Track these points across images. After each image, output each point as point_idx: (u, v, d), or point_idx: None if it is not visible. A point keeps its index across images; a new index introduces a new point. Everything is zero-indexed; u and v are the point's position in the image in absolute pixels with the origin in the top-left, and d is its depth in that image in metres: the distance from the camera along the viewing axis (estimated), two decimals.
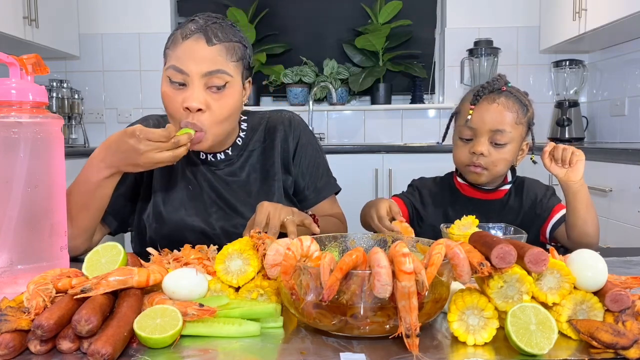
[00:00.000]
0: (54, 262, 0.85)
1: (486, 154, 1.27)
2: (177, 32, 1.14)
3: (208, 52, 1.10)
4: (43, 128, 0.85)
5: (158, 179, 1.26)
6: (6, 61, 0.85)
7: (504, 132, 1.27)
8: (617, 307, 0.68)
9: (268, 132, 1.32)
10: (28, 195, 0.83)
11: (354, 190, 2.95)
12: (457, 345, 0.68)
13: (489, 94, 1.29)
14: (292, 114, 1.36)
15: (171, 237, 1.22)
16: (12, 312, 0.66)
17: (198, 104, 1.08)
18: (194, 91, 1.09)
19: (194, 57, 1.09)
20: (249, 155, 1.29)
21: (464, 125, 1.29)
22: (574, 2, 2.84)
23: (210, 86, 1.10)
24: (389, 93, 3.58)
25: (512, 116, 1.28)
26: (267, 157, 1.30)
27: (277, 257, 0.75)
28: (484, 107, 1.28)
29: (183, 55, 1.10)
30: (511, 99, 1.29)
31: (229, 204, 1.26)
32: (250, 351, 0.67)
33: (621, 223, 2.05)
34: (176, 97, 1.10)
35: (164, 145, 1.01)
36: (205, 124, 1.10)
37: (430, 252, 0.70)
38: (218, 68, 1.10)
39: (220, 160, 1.27)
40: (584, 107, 3.39)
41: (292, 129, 1.33)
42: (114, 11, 3.57)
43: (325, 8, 3.66)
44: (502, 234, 1.09)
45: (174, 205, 1.25)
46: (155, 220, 1.24)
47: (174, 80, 1.10)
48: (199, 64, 1.09)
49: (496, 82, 1.30)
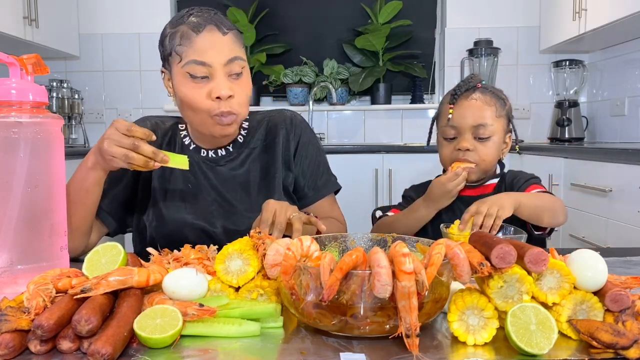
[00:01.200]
0: (54, 262, 0.85)
1: (472, 149, 1.31)
2: (183, 27, 1.13)
3: (224, 41, 1.13)
4: (43, 128, 0.85)
5: (157, 177, 1.27)
6: (6, 61, 0.85)
7: (486, 125, 1.31)
8: (617, 307, 0.68)
9: (269, 131, 1.32)
10: (28, 195, 0.83)
11: (354, 190, 2.96)
12: (457, 345, 0.68)
13: (466, 92, 1.34)
14: (293, 113, 1.37)
15: (172, 236, 1.22)
16: (12, 312, 0.66)
17: (228, 91, 1.12)
18: (221, 80, 1.12)
19: (214, 48, 1.11)
20: (250, 152, 1.30)
21: (446, 125, 1.34)
22: (574, 2, 2.84)
23: (231, 74, 1.14)
24: (389, 93, 3.58)
25: (492, 109, 1.32)
26: (268, 154, 1.30)
27: (277, 257, 0.75)
28: (463, 105, 1.33)
29: (202, 48, 1.11)
30: (487, 94, 1.34)
31: (228, 201, 1.26)
32: (250, 351, 0.67)
33: (621, 223, 2.05)
34: (200, 91, 1.12)
35: (124, 141, 0.99)
36: (235, 107, 1.14)
37: (430, 252, 0.70)
38: (235, 55, 1.14)
39: (221, 156, 1.28)
40: (584, 107, 3.39)
41: (294, 127, 1.33)
42: (114, 11, 3.57)
43: (325, 8, 3.66)
44: (501, 234, 1.09)
45: (174, 203, 1.25)
46: (155, 219, 1.25)
47: (197, 75, 1.12)
48: (219, 54, 1.12)
49: (471, 81, 1.35)
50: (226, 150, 1.29)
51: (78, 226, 1.13)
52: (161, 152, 1.01)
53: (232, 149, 1.29)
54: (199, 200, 1.26)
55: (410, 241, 0.85)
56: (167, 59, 1.17)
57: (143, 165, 1.00)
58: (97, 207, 1.16)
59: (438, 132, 1.42)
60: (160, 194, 1.26)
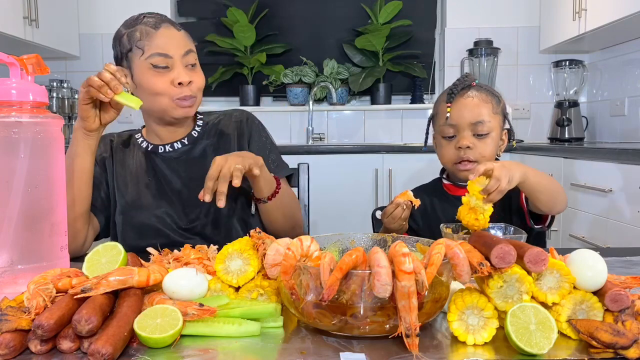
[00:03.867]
0: (54, 262, 0.85)
1: (472, 147, 1.32)
2: (141, 27, 1.25)
3: (179, 36, 1.28)
4: (43, 128, 0.85)
5: (120, 176, 1.35)
6: (6, 61, 0.85)
7: (484, 122, 1.32)
8: (616, 306, 0.68)
9: (224, 127, 1.41)
10: (28, 195, 0.83)
11: (354, 190, 2.96)
12: (457, 345, 0.68)
13: (462, 90, 1.36)
14: (243, 112, 1.46)
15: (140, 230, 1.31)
16: (12, 312, 0.66)
17: (189, 77, 1.26)
18: (180, 69, 1.26)
19: (173, 42, 1.26)
20: (205, 145, 1.38)
21: (445, 124, 1.35)
22: (574, 2, 2.84)
23: (187, 65, 1.27)
24: (389, 93, 3.58)
25: (488, 106, 1.34)
26: (222, 148, 1.37)
27: (277, 257, 0.75)
28: (461, 103, 1.34)
29: (162, 42, 1.25)
30: (483, 92, 1.36)
31: (189, 192, 1.32)
32: (250, 351, 0.67)
33: (621, 223, 2.05)
34: (163, 79, 1.25)
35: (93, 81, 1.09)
36: (194, 91, 1.29)
37: (430, 252, 0.70)
38: (190, 48, 1.29)
39: (178, 149, 1.37)
40: (583, 107, 3.39)
41: (244, 124, 1.41)
42: (114, 11, 3.57)
43: (325, 8, 3.66)
44: (502, 234, 1.09)
45: (137, 197, 1.33)
46: (122, 222, 1.33)
47: (159, 66, 1.24)
48: (177, 47, 1.26)
49: (466, 79, 1.38)
50: (182, 144, 1.37)
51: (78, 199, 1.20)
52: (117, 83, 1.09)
53: (187, 142, 1.37)
54: (160, 192, 1.34)
55: (410, 241, 0.85)
56: (126, 55, 1.27)
57: (98, 86, 1.08)
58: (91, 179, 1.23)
59: (435, 132, 1.43)
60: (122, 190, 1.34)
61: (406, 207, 1.20)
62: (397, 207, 1.20)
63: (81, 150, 1.18)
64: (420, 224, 1.42)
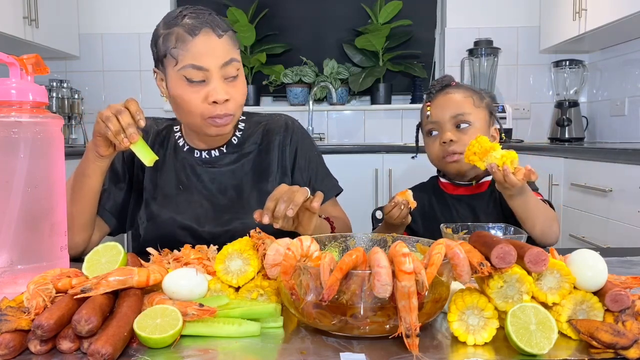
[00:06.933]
0: (54, 262, 0.85)
1: (455, 139, 1.33)
2: (178, 30, 1.12)
3: (220, 44, 1.12)
4: (43, 128, 0.85)
5: (149, 178, 1.27)
6: (6, 61, 0.85)
7: (464, 114, 1.34)
8: (617, 307, 0.68)
9: (265, 134, 1.31)
10: (28, 195, 0.83)
11: (354, 190, 2.96)
12: (457, 345, 0.68)
13: (441, 89, 1.39)
14: (290, 118, 1.37)
15: (163, 237, 1.21)
16: (12, 312, 0.66)
17: (225, 95, 1.12)
18: (217, 84, 1.12)
19: (210, 52, 1.11)
20: (244, 154, 1.29)
21: (427, 123, 1.38)
22: (574, 2, 2.84)
23: (227, 77, 1.13)
24: (389, 93, 3.58)
25: (469, 100, 1.36)
26: (262, 159, 1.29)
27: (277, 257, 0.75)
28: (440, 100, 1.38)
29: (198, 52, 1.10)
30: (462, 89, 1.39)
31: (219, 202, 1.26)
32: (250, 351, 0.67)
33: (621, 223, 2.05)
34: (197, 95, 1.12)
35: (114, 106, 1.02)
36: (231, 109, 1.15)
37: (430, 252, 0.70)
38: (231, 57, 1.14)
39: (215, 157, 1.28)
40: (584, 107, 3.39)
41: (290, 133, 1.32)
42: (114, 11, 3.57)
43: (325, 8, 3.66)
44: (502, 234, 1.09)
45: (165, 204, 1.25)
46: (146, 219, 1.25)
47: (193, 79, 1.11)
48: (216, 57, 1.11)
49: (445, 79, 1.42)
50: (220, 152, 1.28)
51: (79, 218, 1.14)
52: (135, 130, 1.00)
53: (226, 150, 1.28)
54: (190, 201, 1.25)
55: (410, 241, 0.85)
56: (162, 60, 1.16)
57: (115, 132, 1.00)
58: (97, 199, 1.16)
59: (423, 136, 1.44)
60: (152, 194, 1.26)
61: (404, 206, 1.21)
62: (395, 207, 1.21)
63: (91, 172, 1.11)
64: (419, 223, 1.42)
